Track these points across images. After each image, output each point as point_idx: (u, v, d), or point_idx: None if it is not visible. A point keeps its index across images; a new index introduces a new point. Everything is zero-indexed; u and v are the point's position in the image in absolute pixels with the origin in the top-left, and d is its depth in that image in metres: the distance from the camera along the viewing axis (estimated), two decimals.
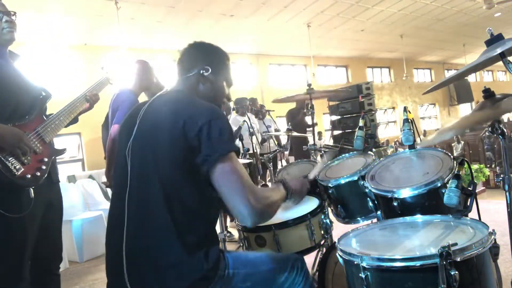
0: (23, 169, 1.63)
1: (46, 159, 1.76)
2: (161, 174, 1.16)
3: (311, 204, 1.83)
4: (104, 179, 2.91)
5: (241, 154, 3.88)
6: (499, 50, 1.14)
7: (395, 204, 1.49)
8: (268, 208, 1.21)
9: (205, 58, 1.41)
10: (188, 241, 1.14)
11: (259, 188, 1.20)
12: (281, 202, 1.37)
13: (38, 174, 1.70)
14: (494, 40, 1.20)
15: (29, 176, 1.65)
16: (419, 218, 1.41)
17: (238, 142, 3.87)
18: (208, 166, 1.14)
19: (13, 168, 1.59)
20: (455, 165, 1.49)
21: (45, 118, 1.83)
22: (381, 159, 1.84)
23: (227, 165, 1.14)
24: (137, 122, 1.28)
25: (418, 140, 1.81)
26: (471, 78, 19.76)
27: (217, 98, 1.44)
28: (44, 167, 1.73)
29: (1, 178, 1.54)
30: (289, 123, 6.21)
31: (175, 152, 1.16)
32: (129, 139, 1.26)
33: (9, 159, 1.59)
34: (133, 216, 1.17)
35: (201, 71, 1.38)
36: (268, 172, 4.55)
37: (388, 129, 16.91)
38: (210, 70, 1.39)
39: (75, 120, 2.05)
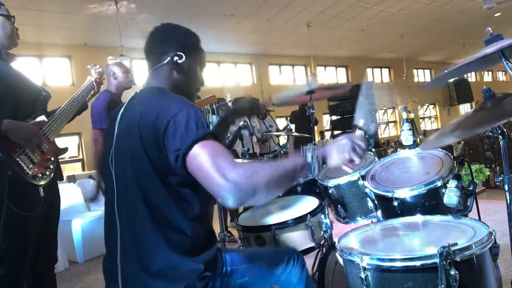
0: (34, 168, 1.66)
1: (52, 158, 1.80)
2: (139, 182, 1.14)
3: (311, 204, 1.83)
4: None
5: (241, 154, 3.88)
6: (497, 48, 1.13)
7: (395, 204, 1.50)
8: (254, 180, 0.98)
9: (176, 43, 1.30)
10: (177, 244, 1.12)
11: (239, 163, 1.02)
12: (287, 171, 1.06)
13: (47, 173, 1.74)
14: (493, 40, 1.20)
15: (40, 175, 1.69)
16: (419, 218, 1.41)
17: (238, 142, 3.87)
18: (181, 160, 1.05)
19: (25, 167, 1.62)
20: (455, 165, 1.50)
21: (48, 118, 1.85)
22: (381, 159, 1.84)
23: (196, 152, 1.04)
24: (116, 127, 1.23)
25: (418, 140, 1.81)
26: (471, 78, 19.75)
27: (192, 85, 1.36)
28: (51, 166, 1.77)
29: (15, 177, 1.57)
30: (292, 123, 6.24)
31: (148, 157, 1.11)
32: (112, 145, 1.22)
33: (21, 157, 1.62)
34: (125, 224, 1.16)
35: (174, 59, 1.28)
36: None
37: (388, 129, 16.91)
38: (184, 57, 1.29)
39: (85, 107, 2.13)
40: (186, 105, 1.11)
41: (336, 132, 8.19)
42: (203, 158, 1.02)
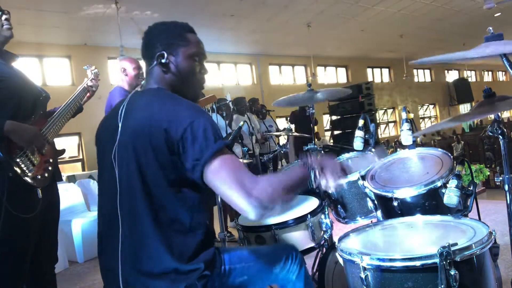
0: (34, 170, 1.65)
1: (51, 160, 1.79)
2: (144, 182, 1.14)
3: (311, 204, 1.83)
4: None
5: (241, 154, 3.88)
6: (499, 50, 1.12)
7: (395, 204, 1.50)
8: (273, 196, 1.06)
9: (159, 43, 1.26)
10: (179, 245, 1.13)
11: (257, 177, 1.08)
12: (295, 182, 1.15)
13: (46, 175, 1.73)
14: (493, 38, 1.19)
15: (39, 177, 1.67)
16: (419, 218, 1.41)
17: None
18: (199, 170, 1.08)
19: (26, 169, 1.61)
20: (455, 165, 1.50)
21: (47, 119, 1.84)
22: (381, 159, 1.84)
23: (217, 165, 1.07)
24: (119, 126, 1.21)
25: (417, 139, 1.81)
26: (471, 78, 19.75)
27: (188, 81, 1.29)
28: (50, 168, 1.76)
29: (15, 178, 1.56)
30: (292, 124, 6.26)
31: (157, 160, 1.12)
32: (114, 143, 1.20)
33: (22, 159, 1.61)
34: (127, 225, 1.15)
35: (159, 60, 1.24)
36: (268, 172, 4.55)
37: (388, 129, 16.91)
38: (165, 55, 1.24)
39: (80, 109, 2.10)
40: (200, 113, 1.13)
41: (336, 132, 8.18)
42: (224, 173, 1.07)
